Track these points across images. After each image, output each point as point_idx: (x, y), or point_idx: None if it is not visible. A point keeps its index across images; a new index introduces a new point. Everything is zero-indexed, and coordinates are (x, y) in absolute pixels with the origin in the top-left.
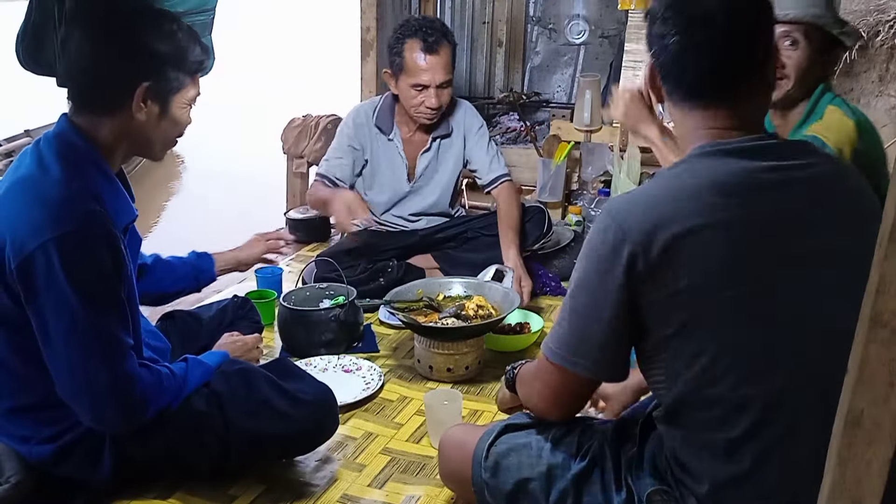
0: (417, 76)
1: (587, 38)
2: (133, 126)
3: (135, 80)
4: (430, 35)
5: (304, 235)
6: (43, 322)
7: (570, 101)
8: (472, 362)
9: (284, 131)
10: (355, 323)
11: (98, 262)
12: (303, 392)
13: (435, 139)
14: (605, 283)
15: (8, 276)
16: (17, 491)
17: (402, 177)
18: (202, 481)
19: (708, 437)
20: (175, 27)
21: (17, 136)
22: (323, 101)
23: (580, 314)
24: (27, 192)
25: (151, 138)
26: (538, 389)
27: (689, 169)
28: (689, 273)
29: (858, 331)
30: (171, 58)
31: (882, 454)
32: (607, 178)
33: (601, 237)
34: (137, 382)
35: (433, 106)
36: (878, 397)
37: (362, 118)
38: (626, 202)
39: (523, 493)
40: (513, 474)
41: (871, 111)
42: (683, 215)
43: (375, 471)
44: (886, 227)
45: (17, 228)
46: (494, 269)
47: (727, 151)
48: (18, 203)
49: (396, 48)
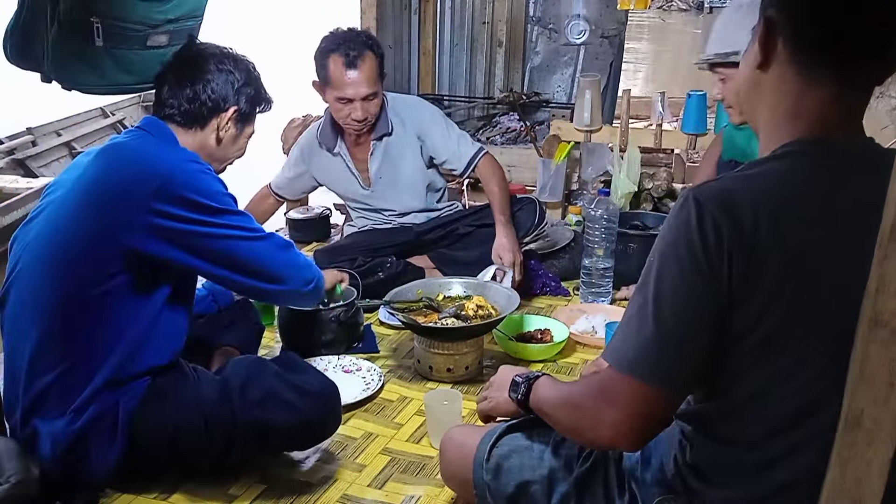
0: (342, 90)
1: (587, 38)
2: (210, 141)
3: (227, 103)
4: (352, 49)
5: (304, 235)
6: (211, 249)
7: (570, 101)
8: (472, 362)
9: (284, 131)
10: (356, 323)
11: (224, 188)
12: (309, 384)
13: (375, 141)
14: (695, 284)
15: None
16: (18, 490)
17: (356, 185)
18: (203, 481)
19: (741, 455)
20: (258, 74)
21: (19, 133)
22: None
23: (668, 321)
24: (124, 151)
25: (219, 156)
26: (611, 416)
27: (792, 169)
28: (775, 284)
29: (858, 331)
30: (255, 93)
31: (882, 454)
32: (607, 178)
33: (695, 226)
34: (292, 246)
35: (359, 118)
36: (878, 397)
37: (310, 138)
38: (717, 192)
39: (524, 496)
40: (514, 476)
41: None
42: (792, 228)
43: (375, 471)
44: (886, 227)
45: (150, 170)
46: (494, 269)
47: (828, 152)
48: (122, 158)
49: (322, 61)
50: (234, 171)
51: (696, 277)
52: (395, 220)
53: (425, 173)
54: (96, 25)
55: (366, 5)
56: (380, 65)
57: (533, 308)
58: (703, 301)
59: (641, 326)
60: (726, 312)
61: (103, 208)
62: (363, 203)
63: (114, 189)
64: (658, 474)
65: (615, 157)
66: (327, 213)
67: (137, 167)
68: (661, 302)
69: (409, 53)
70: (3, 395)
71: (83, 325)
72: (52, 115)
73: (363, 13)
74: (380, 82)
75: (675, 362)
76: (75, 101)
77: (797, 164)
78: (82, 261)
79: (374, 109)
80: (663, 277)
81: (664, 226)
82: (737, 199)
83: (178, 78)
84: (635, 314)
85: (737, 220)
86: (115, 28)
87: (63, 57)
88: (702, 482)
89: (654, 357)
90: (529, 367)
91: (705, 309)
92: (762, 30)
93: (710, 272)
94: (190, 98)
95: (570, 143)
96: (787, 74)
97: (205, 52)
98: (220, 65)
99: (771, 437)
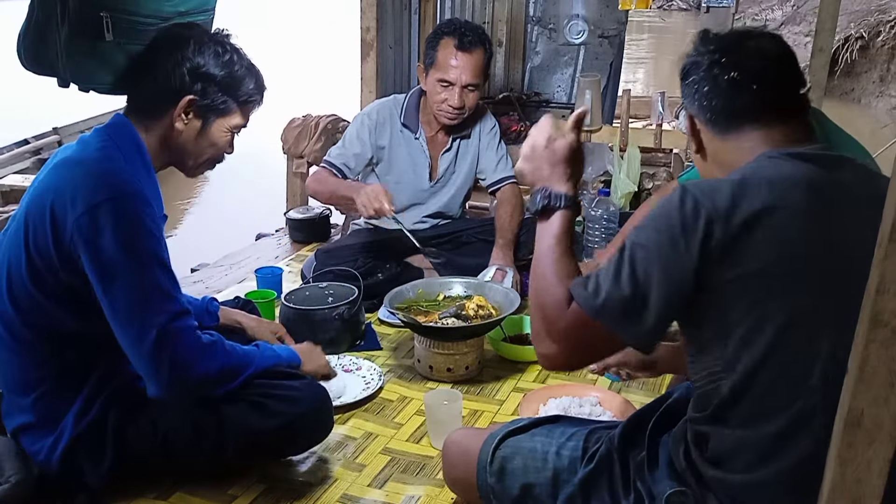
0: (445, 72)
1: (587, 38)
2: (173, 135)
3: (181, 91)
4: (466, 35)
5: (304, 235)
6: (98, 279)
7: (570, 101)
8: (472, 362)
9: (284, 131)
10: (358, 321)
11: (144, 226)
12: (296, 390)
13: (455, 139)
14: (677, 253)
15: (64, 241)
16: (18, 490)
17: (425, 176)
18: (202, 482)
19: (760, 432)
20: (234, 57)
21: (45, 133)
22: (323, 101)
23: (639, 276)
24: (73, 165)
25: (187, 151)
26: (558, 326)
27: (761, 166)
28: (766, 251)
29: (858, 331)
30: (221, 81)
31: (882, 454)
32: (607, 178)
33: (676, 205)
34: (186, 337)
35: (455, 105)
36: (878, 397)
37: (386, 115)
38: (703, 182)
39: (530, 498)
40: (518, 478)
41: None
42: (762, 196)
43: (375, 471)
44: (886, 227)
45: (64, 195)
46: (495, 269)
47: (793, 155)
48: (65, 175)
49: (432, 43)
50: (236, 174)
51: (672, 244)
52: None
53: (471, 180)
54: (106, 20)
55: (366, 5)
56: (487, 63)
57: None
58: (675, 267)
59: (609, 274)
60: (699, 272)
61: (36, 237)
62: (417, 197)
63: (44, 214)
64: (667, 470)
65: (615, 157)
66: (327, 213)
67: (71, 193)
68: (637, 260)
69: (409, 53)
70: None
71: (58, 344)
72: (78, 115)
73: (363, 13)
74: (483, 79)
75: (634, 312)
76: (101, 102)
77: (768, 161)
78: (37, 274)
79: (471, 102)
80: (643, 240)
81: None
82: (718, 184)
83: (134, 66)
84: (609, 267)
85: (717, 198)
86: (125, 22)
87: (76, 56)
88: (721, 470)
89: (613, 304)
90: (528, 369)
91: (676, 275)
92: (687, 124)
93: (688, 243)
94: (141, 88)
95: None
96: (723, 139)
97: (163, 35)
98: (175, 48)
99: (786, 406)
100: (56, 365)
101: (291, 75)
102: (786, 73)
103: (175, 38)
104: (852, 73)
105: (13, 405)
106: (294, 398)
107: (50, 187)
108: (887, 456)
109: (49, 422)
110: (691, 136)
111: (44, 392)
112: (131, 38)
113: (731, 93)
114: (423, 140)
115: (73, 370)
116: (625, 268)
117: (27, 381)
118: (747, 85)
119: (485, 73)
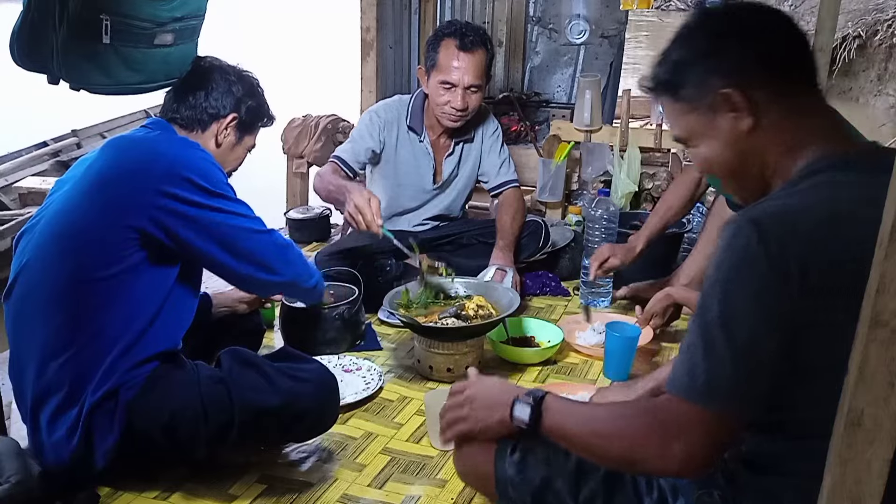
0: (447, 73)
1: (587, 38)
2: (210, 145)
3: (229, 109)
4: (467, 36)
5: (304, 235)
6: (210, 237)
7: (570, 101)
8: (472, 362)
9: (284, 131)
10: (358, 321)
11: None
12: (305, 371)
13: (458, 143)
14: (769, 304)
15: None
16: (18, 490)
17: (428, 178)
18: (202, 481)
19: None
20: (261, 90)
21: (64, 135)
22: (323, 101)
23: (739, 345)
24: (153, 140)
25: (218, 161)
26: (681, 449)
27: (826, 183)
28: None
29: (858, 331)
30: (257, 106)
31: (882, 454)
32: (607, 178)
33: (762, 249)
34: (292, 245)
35: (458, 107)
36: (878, 397)
37: (393, 115)
38: (776, 213)
39: (551, 492)
40: (540, 470)
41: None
42: (846, 240)
43: (375, 471)
44: (886, 227)
45: (157, 166)
46: (495, 269)
47: (854, 164)
48: (149, 147)
49: (433, 45)
50: (236, 174)
51: (767, 295)
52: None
53: (473, 183)
54: (105, 22)
55: (366, 5)
56: (489, 64)
57: (532, 309)
58: (775, 319)
59: (708, 353)
60: (799, 327)
61: (113, 191)
62: (421, 199)
63: (123, 172)
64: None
65: (615, 157)
66: (327, 213)
67: (146, 153)
68: (732, 324)
69: (409, 54)
70: (13, 386)
71: (93, 311)
72: (96, 117)
73: (363, 13)
74: (485, 80)
75: (749, 384)
76: (119, 104)
77: (835, 177)
78: (92, 244)
79: (474, 104)
80: (730, 300)
81: (718, 255)
82: (795, 216)
83: (186, 85)
84: (696, 342)
85: (802, 234)
86: (123, 25)
87: (73, 56)
88: (755, 473)
89: (726, 381)
90: (528, 369)
91: (778, 325)
92: (739, 100)
93: (780, 288)
94: (192, 103)
95: (570, 143)
96: (776, 117)
97: (212, 64)
98: (224, 75)
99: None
100: (96, 324)
101: (291, 75)
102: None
103: (222, 68)
104: (850, 73)
105: (40, 375)
106: (303, 378)
107: (116, 156)
108: (887, 456)
109: (75, 390)
110: (747, 113)
111: (75, 352)
112: (127, 41)
113: (795, 47)
114: (428, 143)
115: (107, 332)
116: (716, 333)
117: (62, 343)
118: (805, 43)
119: (487, 73)
